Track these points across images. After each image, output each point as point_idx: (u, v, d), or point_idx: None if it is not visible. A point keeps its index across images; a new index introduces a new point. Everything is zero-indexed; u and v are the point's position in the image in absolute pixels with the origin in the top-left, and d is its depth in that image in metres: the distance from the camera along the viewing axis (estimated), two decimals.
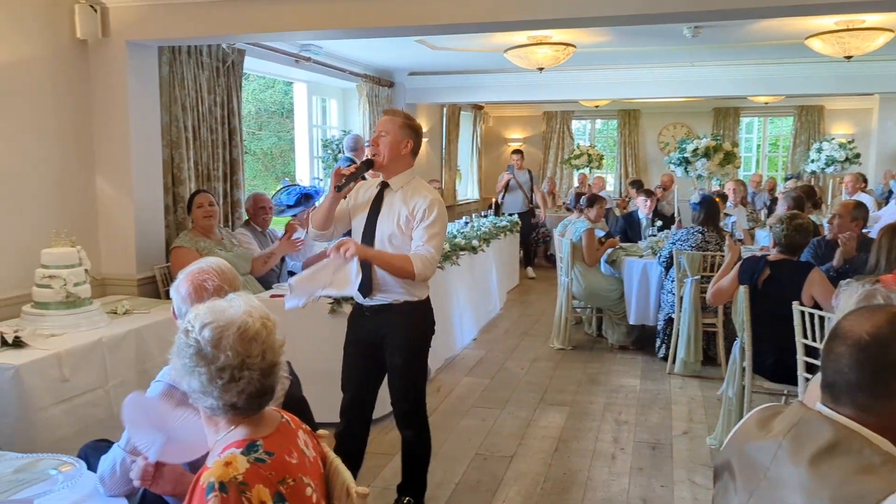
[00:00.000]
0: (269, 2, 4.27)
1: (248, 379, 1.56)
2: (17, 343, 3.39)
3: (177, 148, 5.23)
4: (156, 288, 4.84)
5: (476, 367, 5.78)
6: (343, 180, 3.06)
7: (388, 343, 3.22)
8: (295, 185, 6.05)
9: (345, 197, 3.22)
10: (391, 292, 3.17)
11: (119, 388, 3.69)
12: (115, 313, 4.03)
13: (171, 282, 4.90)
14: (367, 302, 3.21)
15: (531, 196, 10.37)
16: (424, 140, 10.48)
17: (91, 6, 4.41)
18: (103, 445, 2.38)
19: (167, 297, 4.76)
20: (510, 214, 8.97)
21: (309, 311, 4.31)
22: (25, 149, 4.17)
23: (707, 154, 7.29)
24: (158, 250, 4.94)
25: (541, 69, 6.85)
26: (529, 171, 10.63)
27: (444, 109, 11.35)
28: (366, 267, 3.07)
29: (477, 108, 12.98)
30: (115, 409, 3.63)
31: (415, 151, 3.20)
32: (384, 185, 3.17)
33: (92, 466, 2.11)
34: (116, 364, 3.69)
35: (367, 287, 3.16)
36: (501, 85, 9.26)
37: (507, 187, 10.44)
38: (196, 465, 1.93)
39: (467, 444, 4.23)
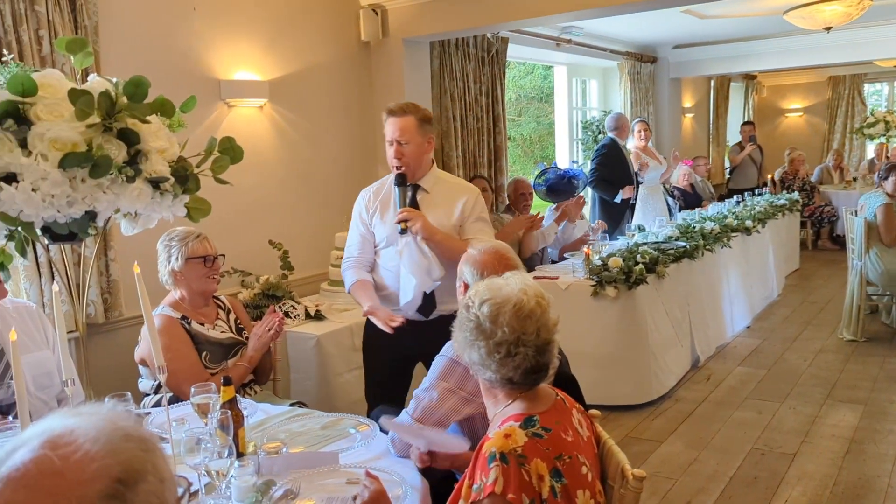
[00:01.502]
0: None
1: (523, 355, 1.60)
2: (318, 316, 3.86)
3: (446, 137, 5.54)
4: None
5: (750, 357, 5.38)
6: (397, 220, 2.79)
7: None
8: (550, 167, 6.07)
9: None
10: (447, 304, 2.85)
11: None
12: None
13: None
14: (418, 317, 2.90)
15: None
16: (690, 115, 9.97)
17: (373, 10, 4.82)
18: (392, 410, 2.61)
19: None
20: (735, 193, 8.16)
21: (571, 293, 4.34)
22: (323, 144, 4.69)
23: None
24: None
25: (828, 29, 6.12)
26: (760, 148, 9.70)
27: (712, 82, 10.65)
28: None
29: (749, 77, 12.00)
30: None
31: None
32: (415, 188, 2.88)
33: (383, 429, 2.32)
34: None
35: (429, 307, 2.89)
36: (779, 50, 8.46)
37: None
38: (470, 430, 2.05)
39: (742, 438, 3.96)
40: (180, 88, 3.54)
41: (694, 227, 5.57)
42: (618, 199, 6.03)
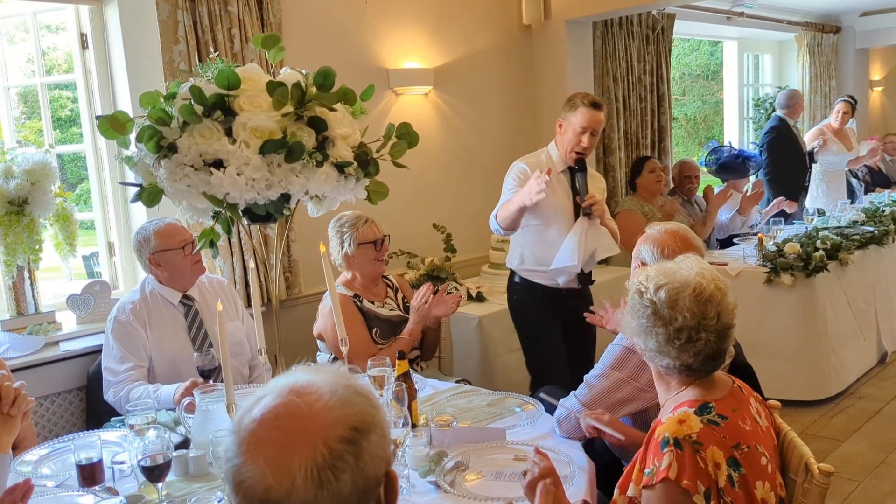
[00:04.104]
0: None
1: (704, 340, 1.56)
2: (479, 297, 3.94)
3: (608, 118, 5.43)
4: None
5: None
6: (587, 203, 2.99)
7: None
8: (723, 146, 5.78)
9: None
10: (589, 267, 3.19)
11: None
12: None
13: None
14: (567, 283, 3.15)
15: None
16: (879, 89, 9.16)
17: None
18: (557, 391, 2.63)
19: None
20: None
21: (742, 280, 4.13)
22: (485, 129, 4.76)
23: None
24: None
25: None
26: None
27: None
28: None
29: None
30: None
31: None
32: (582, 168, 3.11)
33: (546, 409, 2.34)
34: None
35: (587, 278, 3.19)
36: None
37: None
38: (644, 422, 2.02)
39: None
40: (354, 78, 3.69)
41: (883, 211, 5.12)
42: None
